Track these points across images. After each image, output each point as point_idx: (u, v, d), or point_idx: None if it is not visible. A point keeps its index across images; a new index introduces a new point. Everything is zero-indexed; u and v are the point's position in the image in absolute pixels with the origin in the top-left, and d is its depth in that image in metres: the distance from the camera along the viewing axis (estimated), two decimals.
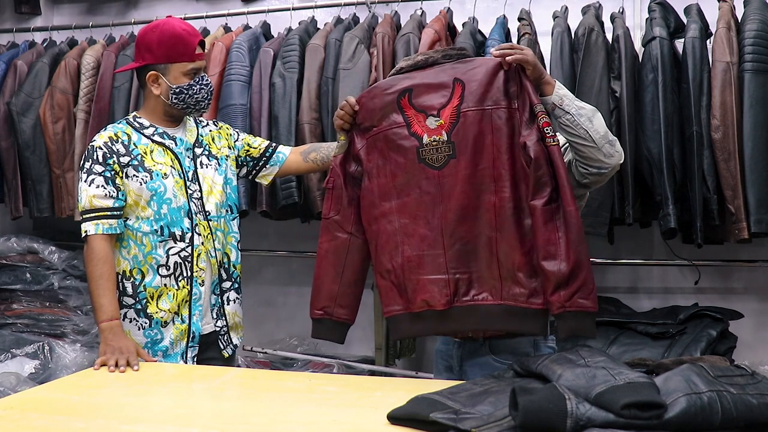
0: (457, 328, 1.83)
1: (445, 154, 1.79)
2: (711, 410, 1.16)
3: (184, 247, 2.17)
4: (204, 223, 2.21)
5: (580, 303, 1.67)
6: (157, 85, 2.18)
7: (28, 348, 3.30)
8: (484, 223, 1.77)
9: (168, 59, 2.15)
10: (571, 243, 1.68)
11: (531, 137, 1.72)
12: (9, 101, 3.39)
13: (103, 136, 2.17)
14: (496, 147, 1.76)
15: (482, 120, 1.76)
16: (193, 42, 2.16)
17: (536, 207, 1.71)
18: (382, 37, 2.98)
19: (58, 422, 1.43)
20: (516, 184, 1.75)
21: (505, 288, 1.76)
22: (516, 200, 1.75)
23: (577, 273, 1.67)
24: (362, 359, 3.31)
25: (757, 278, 3.07)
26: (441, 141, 1.79)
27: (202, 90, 2.19)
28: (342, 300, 1.91)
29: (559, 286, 1.68)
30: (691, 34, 2.66)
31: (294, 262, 3.63)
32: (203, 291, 2.21)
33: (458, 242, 1.78)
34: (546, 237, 1.69)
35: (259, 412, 1.51)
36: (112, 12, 3.84)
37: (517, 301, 1.75)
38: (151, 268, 2.16)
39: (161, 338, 2.17)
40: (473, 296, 1.78)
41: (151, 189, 2.14)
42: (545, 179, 1.71)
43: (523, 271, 1.74)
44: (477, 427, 1.22)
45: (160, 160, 2.18)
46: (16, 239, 3.51)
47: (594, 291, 1.70)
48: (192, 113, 2.24)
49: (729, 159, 2.60)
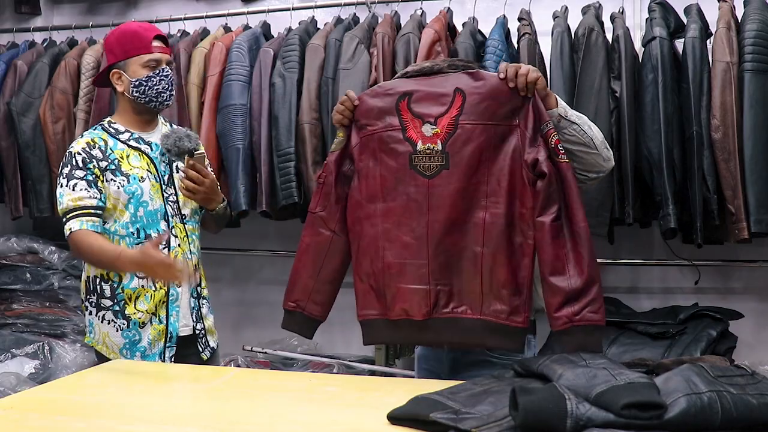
0: (434, 339, 1.82)
1: (437, 164, 1.76)
2: (711, 410, 1.16)
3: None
4: (180, 226, 2.26)
5: (590, 317, 1.67)
6: (121, 83, 2.22)
7: (28, 348, 3.30)
8: (471, 237, 1.75)
9: (126, 54, 2.20)
10: (584, 258, 1.68)
11: (541, 154, 1.71)
12: (9, 101, 3.40)
13: (80, 142, 2.21)
14: (492, 163, 1.74)
15: (480, 134, 1.74)
16: (148, 35, 2.21)
17: (544, 223, 1.70)
18: (382, 37, 2.98)
19: (58, 422, 1.43)
20: (511, 201, 1.74)
21: (486, 303, 1.75)
22: (509, 217, 1.74)
23: (590, 287, 1.68)
24: (362, 359, 3.30)
25: (757, 278, 3.07)
26: (435, 150, 1.77)
27: (162, 81, 2.21)
28: (316, 296, 1.91)
29: (568, 301, 1.67)
30: (691, 34, 2.66)
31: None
32: (180, 292, 2.24)
33: (443, 254, 1.76)
34: (554, 253, 1.69)
35: (259, 412, 1.51)
36: (112, 12, 3.84)
37: (498, 317, 1.74)
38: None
39: (139, 339, 2.20)
40: (453, 308, 1.77)
41: (128, 192, 2.17)
42: (555, 196, 1.70)
43: (507, 288, 1.73)
44: (477, 427, 1.22)
45: (136, 164, 2.21)
46: (16, 239, 3.51)
47: (602, 305, 1.69)
48: (156, 106, 2.25)
49: (729, 159, 2.60)
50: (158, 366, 2.06)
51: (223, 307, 3.09)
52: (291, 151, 3.02)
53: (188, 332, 2.28)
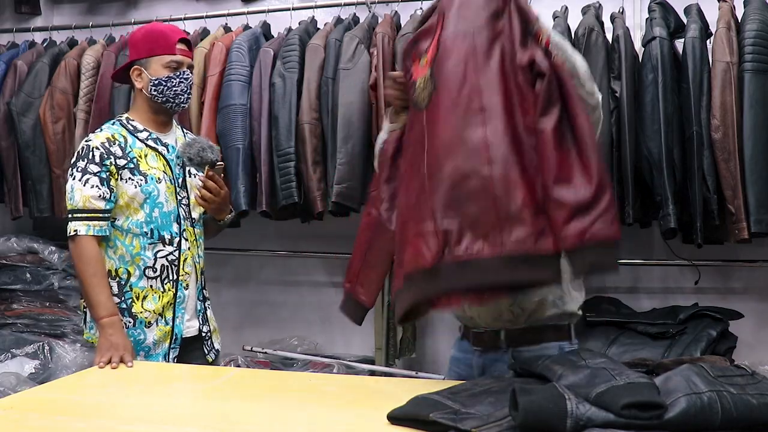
0: (448, 287, 1.53)
1: (428, 92, 1.59)
2: (711, 410, 1.16)
3: (171, 251, 2.22)
4: (191, 229, 2.27)
5: (601, 232, 1.43)
6: (140, 80, 2.24)
7: (28, 348, 3.30)
8: (474, 159, 1.50)
9: (149, 53, 2.22)
10: (591, 165, 1.45)
11: (537, 54, 1.53)
12: (9, 101, 3.40)
13: (99, 136, 2.20)
14: (481, 73, 1.53)
15: (462, 44, 1.55)
16: (174, 37, 2.23)
17: (545, 130, 1.49)
18: (382, 37, 2.98)
19: (58, 422, 1.43)
20: (511, 112, 1.51)
21: (506, 233, 1.46)
22: (511, 129, 1.50)
23: (600, 196, 1.44)
24: (362, 359, 3.31)
25: (757, 278, 3.07)
26: (426, 79, 1.60)
27: (182, 83, 2.23)
28: (362, 279, 1.79)
29: (576, 213, 1.44)
30: (691, 34, 2.66)
31: (294, 262, 3.63)
32: (187, 294, 2.26)
33: (445, 183, 1.51)
34: (558, 161, 1.47)
35: (259, 412, 1.51)
36: (112, 12, 3.84)
37: (523, 245, 1.46)
38: (137, 269, 2.19)
39: (144, 338, 2.19)
40: (466, 248, 1.48)
41: (145, 192, 2.18)
42: (555, 97, 1.51)
43: (529, 207, 1.47)
44: (477, 427, 1.22)
45: (153, 165, 2.22)
46: (16, 239, 3.51)
47: (616, 217, 1.46)
48: (172, 107, 2.26)
49: (729, 159, 2.60)
50: (158, 366, 2.06)
51: (223, 307, 3.09)
52: (291, 151, 3.02)
53: (193, 333, 2.28)
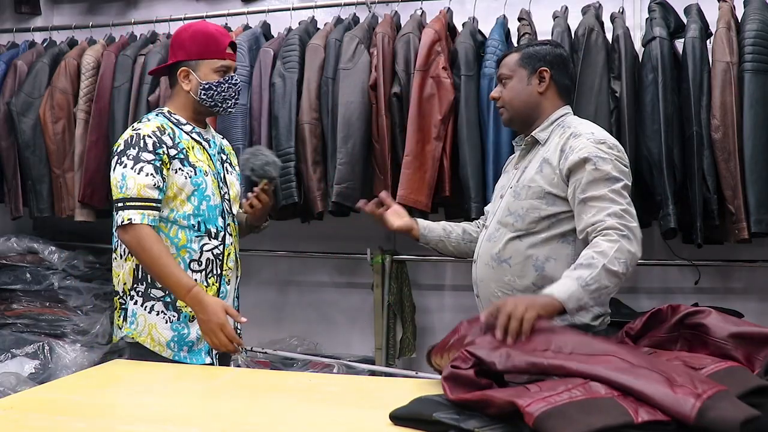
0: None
1: None
2: None
3: (216, 245, 2.19)
4: (233, 225, 2.27)
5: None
6: (188, 81, 2.19)
7: (28, 348, 3.31)
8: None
9: (199, 56, 2.18)
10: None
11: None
12: (9, 101, 3.40)
13: (149, 125, 2.15)
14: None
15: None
16: (224, 41, 2.21)
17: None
18: (382, 37, 2.98)
19: (58, 422, 1.43)
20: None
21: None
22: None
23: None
24: (362, 359, 3.31)
25: (757, 278, 3.07)
26: None
27: (230, 89, 2.22)
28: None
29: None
30: (691, 34, 2.66)
31: (294, 262, 3.63)
32: (229, 290, 2.24)
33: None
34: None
35: (259, 412, 1.51)
36: (112, 12, 3.84)
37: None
38: (182, 262, 2.13)
39: (188, 333, 2.15)
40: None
41: (194, 184, 2.15)
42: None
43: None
44: (479, 427, 1.22)
45: (200, 158, 2.20)
46: (16, 239, 3.51)
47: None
48: (219, 111, 2.26)
49: (729, 159, 2.60)
50: (158, 366, 2.05)
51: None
52: (291, 151, 3.02)
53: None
